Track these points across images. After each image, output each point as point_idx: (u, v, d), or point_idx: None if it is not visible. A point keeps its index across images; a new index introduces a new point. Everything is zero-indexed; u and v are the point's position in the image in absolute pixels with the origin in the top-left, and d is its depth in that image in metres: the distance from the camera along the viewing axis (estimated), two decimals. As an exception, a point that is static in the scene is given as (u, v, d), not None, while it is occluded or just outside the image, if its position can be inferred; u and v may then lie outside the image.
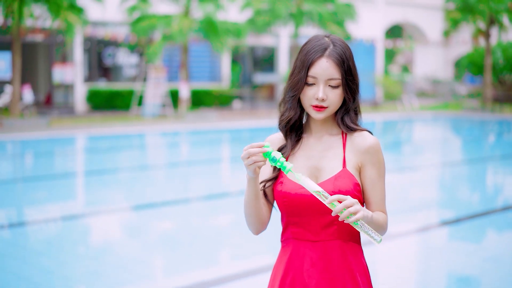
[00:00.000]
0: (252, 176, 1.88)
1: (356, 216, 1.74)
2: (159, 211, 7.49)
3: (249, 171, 1.85)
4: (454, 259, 5.44)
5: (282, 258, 2.00)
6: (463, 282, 4.90)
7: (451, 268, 5.21)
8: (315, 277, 1.92)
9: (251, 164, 1.82)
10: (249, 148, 1.82)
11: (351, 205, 1.75)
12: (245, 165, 1.83)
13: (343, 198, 1.77)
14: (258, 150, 1.80)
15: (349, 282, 1.93)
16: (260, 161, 1.82)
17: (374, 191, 1.97)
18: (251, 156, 1.81)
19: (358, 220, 1.76)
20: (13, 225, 6.81)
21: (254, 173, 1.86)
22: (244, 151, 1.82)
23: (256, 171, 1.85)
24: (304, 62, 1.90)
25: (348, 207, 1.75)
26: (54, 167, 11.28)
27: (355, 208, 1.75)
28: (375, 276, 4.95)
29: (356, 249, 1.98)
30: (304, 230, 1.95)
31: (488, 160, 12.54)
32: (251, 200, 1.92)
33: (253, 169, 1.84)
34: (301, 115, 2.01)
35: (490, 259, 5.39)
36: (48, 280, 4.79)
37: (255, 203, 1.93)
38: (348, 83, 1.92)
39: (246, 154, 1.82)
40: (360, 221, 1.77)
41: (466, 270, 5.15)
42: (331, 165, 1.95)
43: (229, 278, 4.95)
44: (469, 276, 5.02)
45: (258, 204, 1.94)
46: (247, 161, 1.82)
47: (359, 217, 1.75)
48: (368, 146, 1.96)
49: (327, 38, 1.94)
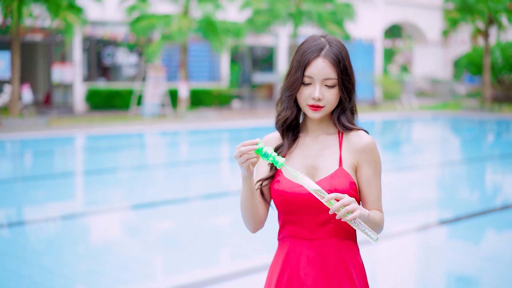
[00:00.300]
0: (246, 174, 1.90)
1: (353, 214, 1.76)
2: (159, 211, 7.51)
3: (243, 169, 1.87)
4: (453, 258, 5.44)
5: (279, 256, 2.02)
6: (462, 282, 4.91)
7: (450, 268, 5.21)
8: (312, 275, 1.94)
9: (244, 161, 1.84)
10: (241, 147, 1.84)
11: (348, 204, 1.77)
12: (238, 163, 1.86)
13: (341, 196, 1.79)
14: (250, 147, 1.82)
15: (345, 280, 1.95)
16: (253, 157, 1.84)
17: (370, 189, 1.99)
18: (243, 154, 1.83)
19: (355, 219, 1.78)
20: (13, 224, 6.83)
21: (248, 171, 1.88)
22: (237, 149, 1.84)
23: (250, 168, 1.87)
24: (300, 62, 1.92)
25: (346, 205, 1.77)
26: (54, 167, 11.30)
27: (352, 206, 1.77)
28: (375, 276, 4.97)
29: (352, 247, 2.00)
30: (300, 228, 1.97)
31: (487, 160, 12.57)
32: (247, 198, 1.94)
33: (247, 167, 1.85)
34: (298, 115, 2.03)
35: (489, 258, 5.39)
36: (48, 279, 4.81)
37: (251, 202, 1.95)
38: (344, 83, 1.94)
39: (238, 152, 1.84)
40: (357, 220, 1.79)
41: (465, 269, 5.15)
42: (327, 164, 1.97)
43: (229, 277, 4.97)
44: (469, 276, 5.02)
45: (254, 203, 1.96)
46: (240, 159, 1.84)
47: (356, 216, 1.77)
48: (364, 145, 1.98)
49: (323, 38, 1.96)
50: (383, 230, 2.06)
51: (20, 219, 7.12)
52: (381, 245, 5.82)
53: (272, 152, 1.84)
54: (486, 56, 24.78)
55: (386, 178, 9.51)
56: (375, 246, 5.70)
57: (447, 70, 35.80)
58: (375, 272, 5.17)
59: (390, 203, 7.62)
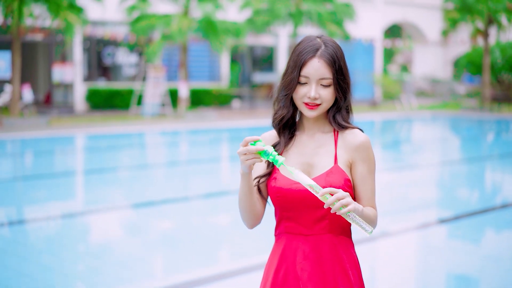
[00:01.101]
0: (246, 172, 1.94)
1: (347, 207, 1.81)
2: (159, 210, 7.56)
3: (244, 166, 1.91)
4: (453, 257, 5.45)
5: (275, 252, 2.07)
6: (462, 281, 4.93)
7: (450, 267, 5.22)
8: (308, 269, 1.98)
9: (248, 160, 1.88)
10: (246, 145, 1.88)
11: (343, 198, 1.82)
12: (241, 160, 1.90)
13: (335, 191, 1.83)
14: (255, 148, 1.86)
15: (340, 274, 1.99)
16: (257, 157, 1.88)
17: (365, 186, 2.03)
18: (249, 153, 1.87)
19: (350, 212, 1.82)
20: (13, 223, 6.88)
21: (248, 169, 1.92)
22: (241, 146, 1.88)
23: (251, 166, 1.92)
24: (296, 62, 1.97)
25: (340, 199, 1.82)
26: (54, 166, 11.34)
27: (346, 200, 1.82)
28: (374, 275, 5.00)
29: (347, 243, 2.04)
30: (297, 224, 2.02)
31: (486, 159, 12.61)
32: (245, 194, 1.99)
33: (249, 165, 1.90)
34: (294, 113, 2.08)
35: (489, 258, 5.41)
36: (48, 278, 4.85)
37: (249, 198, 2.00)
38: (339, 82, 1.98)
39: (244, 150, 1.88)
40: (352, 213, 1.83)
41: (465, 268, 5.16)
42: (323, 161, 2.01)
43: (229, 274, 5.01)
44: (469, 275, 5.04)
45: (252, 199, 2.00)
46: (244, 157, 1.88)
47: (350, 209, 1.82)
48: (359, 144, 2.02)
49: (319, 39, 2.00)
50: (382, 229, 2.09)
51: (20, 218, 7.17)
52: (381, 245, 5.86)
53: (273, 151, 1.88)
54: (485, 56, 24.82)
55: (385, 178, 9.57)
56: (375, 245, 5.74)
57: (447, 70, 35.82)
58: (375, 271, 5.20)
59: (389, 203, 7.66)
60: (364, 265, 4.65)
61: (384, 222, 6.61)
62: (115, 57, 23.41)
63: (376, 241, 5.90)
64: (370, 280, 4.85)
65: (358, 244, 5.37)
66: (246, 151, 1.88)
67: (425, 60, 35.66)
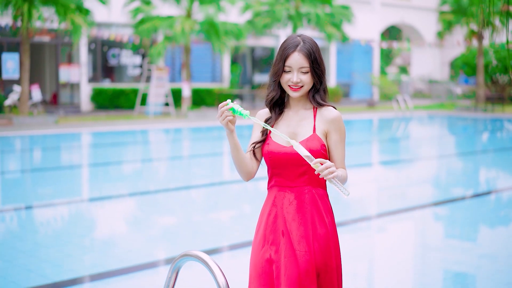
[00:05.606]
0: (228, 131, 2.55)
1: (333, 174, 2.44)
2: (163, 204, 7.85)
3: (224, 126, 2.53)
4: (449, 256, 5.41)
5: (268, 200, 2.70)
6: (459, 278, 4.89)
7: (446, 265, 5.16)
8: (292, 212, 2.61)
9: (224, 119, 2.49)
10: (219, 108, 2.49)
11: (330, 167, 2.45)
12: (221, 123, 2.51)
13: (324, 161, 2.46)
14: (225, 107, 2.48)
15: (317, 216, 2.62)
16: (229, 115, 2.49)
17: (337, 151, 2.66)
18: (223, 113, 2.48)
19: (334, 178, 2.45)
20: (21, 216, 7.19)
21: (228, 128, 2.53)
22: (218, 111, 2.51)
23: (229, 126, 2.52)
24: (282, 56, 2.62)
25: (328, 168, 2.44)
26: (61, 161, 11.82)
27: (332, 169, 2.45)
28: (373, 274, 5.19)
29: (322, 193, 2.67)
30: (284, 179, 2.64)
31: (481, 155, 13.03)
32: (233, 151, 2.62)
33: (226, 124, 2.50)
34: (283, 95, 2.71)
35: (486, 256, 5.39)
36: (56, 273, 4.83)
37: (237, 154, 2.62)
38: (315, 70, 2.62)
39: (219, 113, 2.50)
40: (335, 179, 2.46)
41: (461, 266, 5.11)
42: (304, 130, 2.64)
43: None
44: (465, 273, 5.00)
45: (239, 155, 2.62)
46: (220, 119, 2.50)
47: (335, 175, 2.45)
48: (333, 117, 2.65)
49: (299, 37, 2.64)
50: (382, 227, 2.60)
51: (29, 211, 7.45)
52: (378, 243, 6.03)
53: (239, 107, 2.49)
54: (479, 58, 25.37)
55: (386, 177, 9.93)
56: (373, 244, 5.96)
57: (444, 71, 36.33)
58: (373, 269, 5.28)
59: (388, 202, 7.88)
60: (360, 262, 5.25)
61: (383, 219, 6.92)
62: (120, 58, 23.82)
63: (373, 238, 6.11)
64: (368, 277, 5.00)
65: (355, 239, 5.84)
66: (220, 114, 2.49)
67: (422, 62, 36.19)
